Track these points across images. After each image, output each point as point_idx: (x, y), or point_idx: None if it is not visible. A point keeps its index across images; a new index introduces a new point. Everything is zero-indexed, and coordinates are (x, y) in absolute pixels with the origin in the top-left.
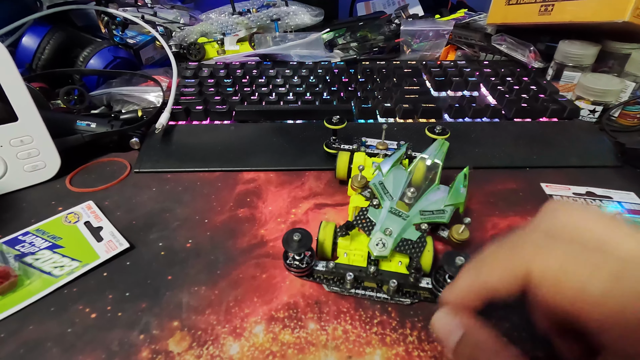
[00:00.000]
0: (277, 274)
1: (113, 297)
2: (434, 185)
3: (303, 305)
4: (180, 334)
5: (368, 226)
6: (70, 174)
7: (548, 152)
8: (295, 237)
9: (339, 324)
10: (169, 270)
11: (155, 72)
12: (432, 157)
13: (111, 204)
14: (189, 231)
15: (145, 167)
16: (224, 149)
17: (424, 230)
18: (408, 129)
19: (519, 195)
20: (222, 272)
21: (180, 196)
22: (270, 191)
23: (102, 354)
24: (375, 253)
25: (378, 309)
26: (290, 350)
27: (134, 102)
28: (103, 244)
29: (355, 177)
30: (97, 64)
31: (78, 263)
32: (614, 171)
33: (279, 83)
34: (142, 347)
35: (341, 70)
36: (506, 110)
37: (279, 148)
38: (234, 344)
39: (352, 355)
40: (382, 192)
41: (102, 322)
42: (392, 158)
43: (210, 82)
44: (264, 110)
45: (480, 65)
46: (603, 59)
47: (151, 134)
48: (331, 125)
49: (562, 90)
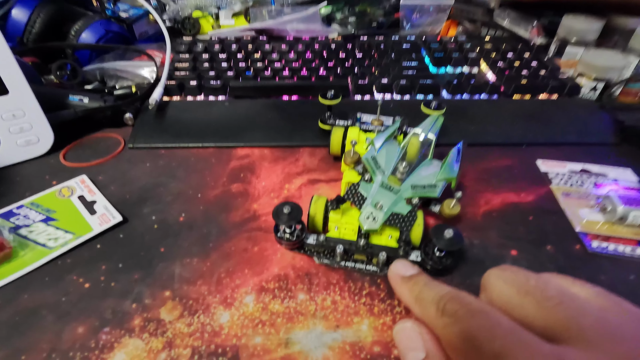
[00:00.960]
0: (268, 247)
1: (106, 268)
2: (426, 160)
3: (293, 277)
4: (171, 303)
5: (359, 200)
6: (64, 149)
7: (545, 129)
8: (285, 209)
9: (328, 294)
10: (161, 243)
11: (149, 47)
12: (426, 132)
13: (105, 178)
14: (182, 205)
15: (139, 142)
16: (218, 125)
17: (414, 204)
18: (404, 106)
19: (513, 171)
20: (214, 245)
21: (174, 171)
22: (264, 167)
23: (96, 321)
24: (365, 226)
25: (367, 280)
26: (280, 319)
27: (128, 77)
28: (97, 217)
29: (348, 153)
30: (88, 38)
31: (72, 235)
32: (612, 148)
33: (275, 59)
34: (134, 315)
35: (338, 45)
36: (505, 86)
37: (274, 124)
38: (225, 313)
39: (340, 325)
40: (374, 166)
41: (95, 292)
42: (385, 133)
43: (204, 57)
44: (259, 86)
45: (481, 41)
46: (607, 35)
47: (145, 110)
48: (326, 101)
49: (564, 66)
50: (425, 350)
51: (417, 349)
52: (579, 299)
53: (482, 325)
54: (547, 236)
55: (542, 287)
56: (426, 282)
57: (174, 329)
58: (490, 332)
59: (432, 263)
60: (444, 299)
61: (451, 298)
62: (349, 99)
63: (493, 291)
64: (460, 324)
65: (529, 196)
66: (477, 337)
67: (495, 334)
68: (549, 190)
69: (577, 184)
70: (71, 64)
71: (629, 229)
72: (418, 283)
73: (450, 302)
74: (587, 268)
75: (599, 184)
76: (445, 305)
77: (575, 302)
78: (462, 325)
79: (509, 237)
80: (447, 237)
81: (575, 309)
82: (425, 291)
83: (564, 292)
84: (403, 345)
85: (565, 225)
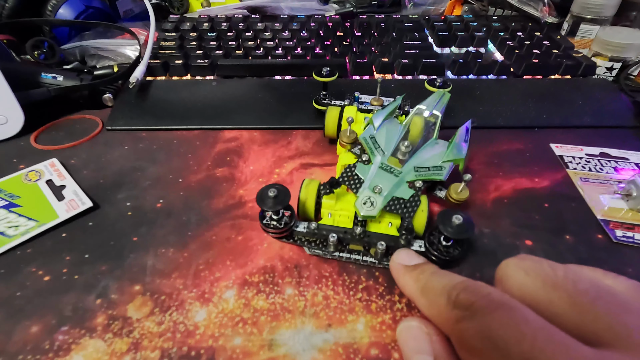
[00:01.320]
0: (254, 235)
1: (71, 259)
2: (431, 139)
3: (281, 269)
4: (141, 298)
5: (355, 183)
6: (36, 131)
7: (559, 111)
8: (271, 193)
9: (320, 289)
10: (135, 232)
11: (134, 26)
12: (431, 109)
13: (78, 162)
14: (160, 191)
15: (118, 124)
16: (205, 106)
17: (418, 188)
18: (406, 85)
19: (525, 155)
20: (193, 234)
21: (155, 155)
22: (252, 150)
23: (53, 319)
24: (362, 213)
25: (364, 273)
26: (263, 317)
27: (110, 56)
28: (64, 203)
29: (344, 132)
30: (67, 14)
31: (35, 223)
32: (632, 132)
33: (267, 37)
34: (97, 312)
35: (336, 24)
36: (515, 66)
37: (265, 105)
38: (201, 310)
39: (332, 323)
40: (373, 146)
41: (56, 286)
42: (385, 110)
43: (192, 36)
44: (250, 65)
45: (488, 20)
46: (625, 11)
47: (126, 90)
48: (320, 78)
49: (578, 46)
50: (434, 354)
51: (423, 351)
52: (619, 294)
53: (506, 322)
54: (566, 224)
55: (573, 278)
56: (434, 271)
57: (142, 328)
58: (517, 330)
59: (438, 253)
60: (457, 289)
61: (465, 287)
62: (346, 79)
63: (513, 284)
64: (479, 319)
65: (543, 181)
66: (501, 336)
67: (523, 332)
68: (566, 174)
69: (596, 169)
70: (48, 42)
71: None
72: (425, 272)
73: (464, 292)
74: (612, 259)
75: (619, 168)
76: (459, 295)
77: (615, 297)
78: (480, 321)
79: (523, 226)
80: (456, 223)
81: (617, 305)
82: (433, 280)
83: (600, 285)
84: (408, 347)
85: (586, 213)
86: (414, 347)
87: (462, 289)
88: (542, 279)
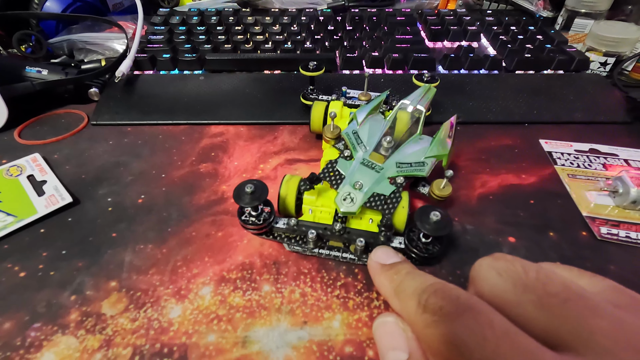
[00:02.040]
0: (234, 232)
1: (47, 255)
2: (414, 135)
3: (259, 265)
4: (116, 295)
5: (336, 179)
6: (20, 125)
7: (550, 106)
8: (248, 188)
9: (297, 286)
10: (114, 227)
11: (123, 19)
12: (414, 103)
13: (61, 157)
14: (142, 186)
15: (103, 119)
16: (192, 101)
17: (399, 184)
18: (396, 80)
19: (514, 151)
20: (173, 230)
21: (139, 150)
22: (238, 145)
23: (26, 315)
24: (342, 209)
25: (343, 270)
26: (239, 314)
27: (98, 50)
28: (44, 199)
29: (328, 127)
30: (54, 7)
31: (13, 218)
32: (623, 128)
33: (257, 31)
34: (71, 308)
35: (327, 18)
36: (507, 61)
37: (253, 100)
38: (176, 306)
39: (308, 321)
40: (355, 141)
41: (31, 282)
42: (369, 105)
43: (181, 30)
44: (238, 59)
45: (482, 14)
46: (620, 5)
47: (112, 84)
48: (307, 72)
49: (572, 40)
50: (409, 351)
51: (398, 347)
52: (589, 296)
53: (471, 327)
54: (550, 221)
55: (544, 280)
56: (409, 271)
57: (116, 324)
58: (481, 334)
59: (417, 250)
60: (427, 292)
61: (435, 291)
62: (335, 74)
63: (484, 285)
64: (444, 324)
65: (530, 178)
66: (465, 342)
67: (486, 337)
68: (554, 171)
69: (585, 165)
70: (35, 36)
71: None
72: (399, 272)
73: (433, 295)
74: (595, 257)
75: (608, 165)
76: (428, 299)
77: (584, 299)
78: (446, 326)
79: (507, 223)
80: (434, 220)
81: (585, 308)
82: (406, 282)
83: (571, 287)
84: (383, 343)
85: (571, 210)
86: (389, 343)
87: (432, 292)
88: (514, 280)
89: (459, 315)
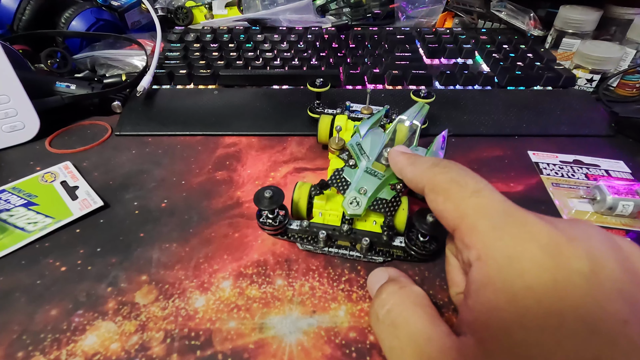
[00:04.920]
0: (249, 233)
1: (84, 252)
2: (412, 146)
3: (272, 263)
4: (147, 287)
5: (343, 185)
6: (51, 135)
7: (538, 120)
8: (267, 194)
9: (307, 280)
10: (141, 228)
11: (142, 37)
12: (411, 119)
13: (89, 165)
14: (164, 191)
15: (126, 130)
16: (207, 113)
17: (399, 190)
18: (395, 95)
19: (503, 162)
20: (194, 231)
21: (160, 159)
22: (250, 155)
23: (69, 304)
24: (349, 212)
25: (347, 267)
26: (255, 304)
27: (119, 66)
28: (77, 202)
29: (333, 139)
30: (79, 26)
31: (51, 220)
32: (606, 140)
33: (266, 48)
34: (109, 298)
35: (332, 36)
36: (499, 77)
37: (263, 113)
38: (200, 297)
39: (317, 310)
40: (359, 152)
41: (71, 275)
42: (371, 120)
43: (195, 47)
44: (249, 75)
45: (477, 32)
46: (605, 26)
47: (133, 98)
48: (314, 88)
49: (560, 58)
50: (389, 275)
51: (382, 279)
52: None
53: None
54: None
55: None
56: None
57: (148, 312)
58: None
59: (416, 248)
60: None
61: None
62: (339, 89)
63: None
64: (450, 171)
65: (518, 186)
66: (462, 178)
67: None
68: (540, 180)
69: (568, 175)
70: (61, 52)
71: (618, 219)
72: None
73: (443, 161)
74: None
75: (590, 174)
76: (440, 162)
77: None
78: (451, 172)
79: None
80: (430, 221)
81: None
82: (419, 157)
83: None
84: (372, 284)
85: (554, 215)
86: (375, 281)
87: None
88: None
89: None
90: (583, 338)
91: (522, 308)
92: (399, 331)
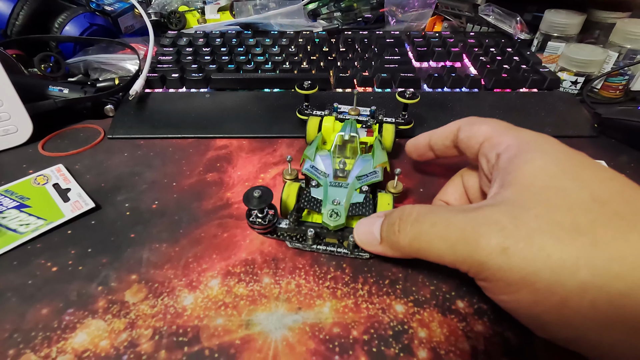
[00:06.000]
0: (238, 233)
1: (75, 253)
2: (358, 155)
3: (260, 261)
4: (137, 286)
5: (316, 204)
6: (43, 139)
7: (522, 121)
8: (256, 193)
9: (293, 278)
10: (132, 229)
11: (135, 41)
12: (348, 133)
13: (82, 167)
14: (156, 193)
15: (119, 133)
16: (198, 116)
17: (365, 192)
18: (383, 97)
19: None
20: (184, 231)
21: (151, 161)
22: (240, 157)
23: (60, 303)
24: (332, 224)
25: (333, 265)
26: (243, 302)
27: (111, 70)
28: (69, 204)
29: (286, 171)
30: (72, 31)
31: (43, 221)
32: (588, 141)
33: (258, 52)
34: (99, 297)
35: (322, 40)
36: (486, 80)
37: (254, 116)
38: (189, 295)
39: (302, 307)
40: (317, 173)
41: (62, 275)
42: (314, 144)
43: (188, 51)
44: (241, 79)
45: (465, 36)
46: (588, 30)
47: (125, 101)
48: (302, 91)
49: (546, 61)
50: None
51: (376, 221)
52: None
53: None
54: None
55: None
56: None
57: (137, 310)
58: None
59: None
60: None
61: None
62: (329, 92)
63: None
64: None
65: None
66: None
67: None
68: None
69: None
70: (55, 57)
71: None
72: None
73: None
74: None
75: None
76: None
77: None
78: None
79: None
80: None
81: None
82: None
83: None
84: (362, 232)
85: None
86: (368, 229)
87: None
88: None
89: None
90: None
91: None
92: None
